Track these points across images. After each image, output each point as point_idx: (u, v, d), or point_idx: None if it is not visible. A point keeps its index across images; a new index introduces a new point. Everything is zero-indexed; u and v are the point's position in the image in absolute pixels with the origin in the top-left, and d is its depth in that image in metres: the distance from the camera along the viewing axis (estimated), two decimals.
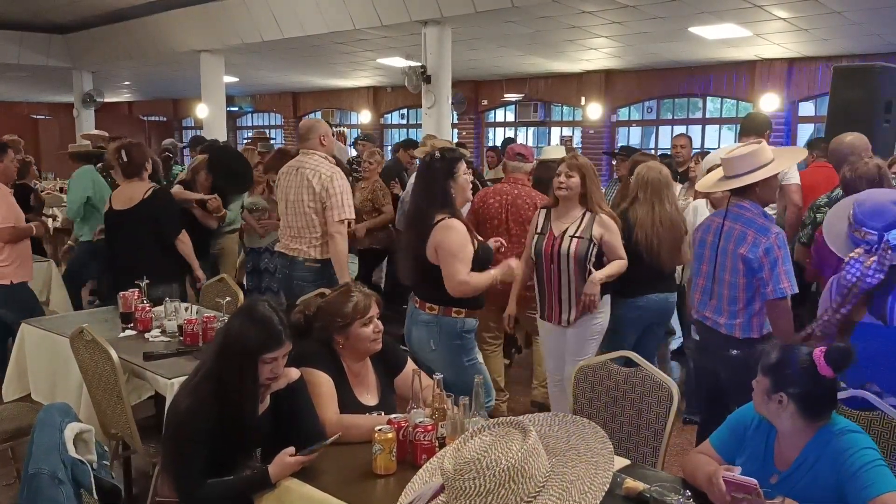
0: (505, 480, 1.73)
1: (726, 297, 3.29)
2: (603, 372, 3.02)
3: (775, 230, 3.18)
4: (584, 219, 3.91)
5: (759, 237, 3.15)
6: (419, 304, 3.61)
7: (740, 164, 3.22)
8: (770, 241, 3.13)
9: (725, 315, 3.31)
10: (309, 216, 4.48)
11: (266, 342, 2.41)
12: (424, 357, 3.61)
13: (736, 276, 3.24)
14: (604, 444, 1.90)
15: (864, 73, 5.88)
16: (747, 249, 3.17)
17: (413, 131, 16.93)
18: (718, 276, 3.32)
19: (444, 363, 3.50)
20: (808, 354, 2.16)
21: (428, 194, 3.52)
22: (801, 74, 11.60)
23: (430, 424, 2.39)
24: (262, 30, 11.05)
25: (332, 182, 4.40)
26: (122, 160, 4.74)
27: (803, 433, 2.17)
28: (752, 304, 3.23)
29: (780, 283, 3.12)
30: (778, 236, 3.16)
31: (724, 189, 3.30)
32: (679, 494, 2.02)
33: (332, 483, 2.30)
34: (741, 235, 3.21)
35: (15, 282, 4.81)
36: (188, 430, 2.37)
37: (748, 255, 3.16)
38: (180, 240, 4.76)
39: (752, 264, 3.16)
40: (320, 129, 4.62)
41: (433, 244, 3.42)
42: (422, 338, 3.60)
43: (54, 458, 2.24)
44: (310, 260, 4.54)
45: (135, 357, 3.44)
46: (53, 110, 22.10)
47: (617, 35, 10.55)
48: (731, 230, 3.26)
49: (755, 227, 3.19)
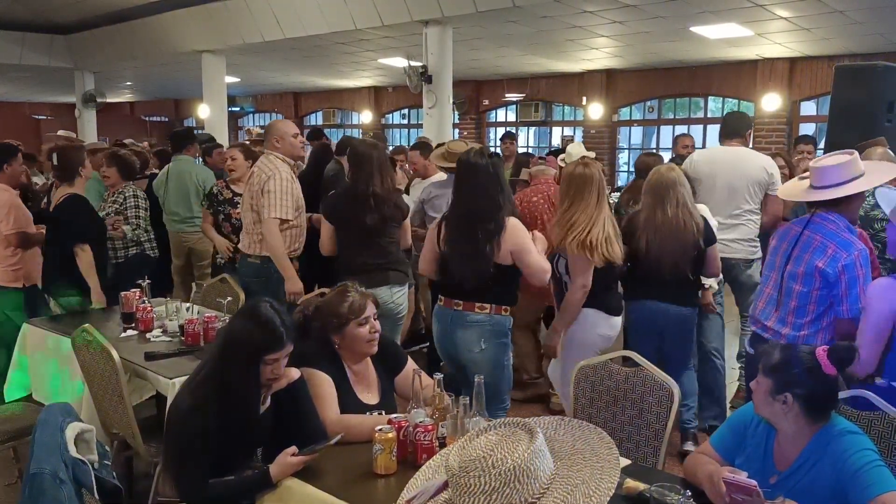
0: (510, 480, 1.73)
1: (793, 307, 3.16)
2: (603, 372, 3.02)
3: (859, 247, 3.03)
4: None
5: (839, 251, 3.00)
6: (464, 305, 3.54)
7: (831, 174, 3.04)
8: (852, 257, 2.98)
9: (789, 326, 3.17)
10: (251, 213, 4.59)
11: (268, 343, 2.41)
12: (470, 358, 3.55)
13: (809, 287, 3.09)
14: (610, 450, 1.90)
15: (866, 73, 5.87)
16: (826, 262, 3.02)
17: (414, 131, 16.94)
18: (787, 286, 3.17)
19: (490, 363, 3.54)
20: (810, 354, 2.16)
21: (492, 193, 3.46)
22: (803, 74, 11.59)
23: (431, 424, 2.40)
24: (264, 30, 11.06)
25: (269, 181, 4.42)
26: (52, 164, 4.66)
27: (804, 434, 2.17)
28: (821, 319, 3.09)
29: (857, 303, 2.97)
30: (861, 253, 3.01)
31: (813, 199, 3.13)
32: (679, 494, 2.02)
33: (332, 483, 2.30)
34: (821, 247, 3.06)
35: (27, 285, 4.86)
36: (190, 430, 2.38)
37: (826, 269, 3.01)
38: (78, 254, 4.53)
39: (828, 278, 3.02)
40: (275, 131, 4.68)
41: (509, 246, 3.43)
42: (471, 339, 3.54)
43: (56, 457, 2.24)
44: (251, 256, 4.63)
45: (136, 357, 3.45)
46: (55, 111, 22.13)
47: (618, 34, 10.55)
48: (810, 240, 3.11)
49: (837, 240, 3.03)
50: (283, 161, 4.57)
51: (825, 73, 10.81)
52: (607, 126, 14.08)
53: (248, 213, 4.64)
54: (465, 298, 3.55)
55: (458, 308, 3.56)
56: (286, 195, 4.43)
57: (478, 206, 3.47)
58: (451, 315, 3.59)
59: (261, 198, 4.43)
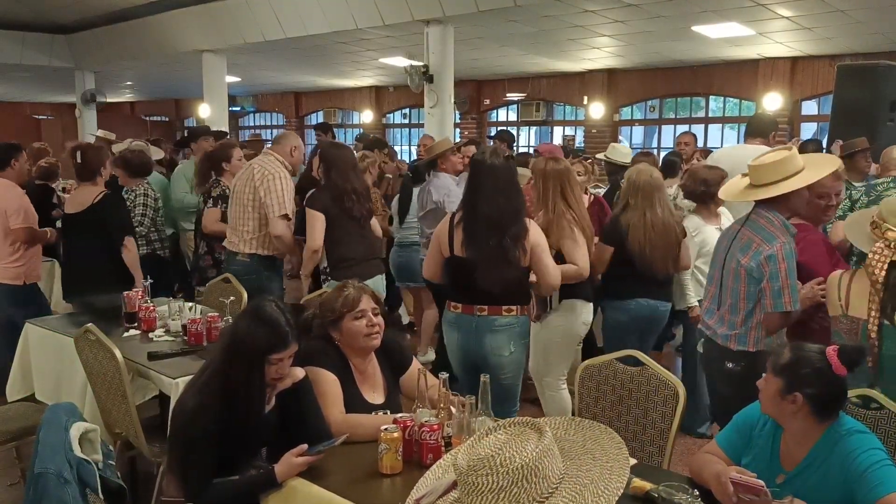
0: (518, 479, 1.72)
1: (729, 305, 3.18)
2: (608, 371, 3.01)
3: (782, 239, 3.00)
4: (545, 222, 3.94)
5: (763, 245, 3.01)
6: (489, 310, 3.48)
7: (768, 173, 3.05)
8: (774, 249, 2.97)
9: (725, 325, 3.20)
10: (246, 208, 4.65)
11: (273, 343, 2.41)
12: (500, 361, 3.51)
13: (738, 284, 3.12)
14: (620, 450, 1.90)
15: (867, 72, 5.88)
16: (750, 258, 3.05)
17: (415, 131, 16.94)
18: (725, 283, 3.20)
19: (515, 364, 3.55)
20: (820, 353, 2.15)
21: (512, 195, 3.44)
22: (805, 73, 11.58)
23: (436, 424, 2.38)
24: (265, 29, 11.06)
25: (275, 181, 4.55)
26: (76, 162, 4.70)
27: (811, 433, 2.16)
28: (752, 317, 3.10)
29: (780, 298, 2.97)
30: (784, 246, 2.98)
31: (750, 199, 3.15)
32: (687, 494, 2.02)
33: (338, 483, 2.29)
34: (748, 243, 3.10)
35: (27, 282, 4.88)
36: (194, 430, 2.37)
37: (750, 264, 3.04)
38: (125, 247, 4.64)
39: (752, 273, 3.04)
40: (295, 142, 4.83)
41: (530, 245, 3.43)
42: (502, 343, 3.50)
43: (60, 457, 2.24)
44: (241, 254, 4.69)
45: (139, 357, 3.44)
46: (56, 110, 22.13)
47: (620, 34, 10.55)
48: (742, 237, 3.14)
49: (763, 234, 3.05)
50: (282, 164, 4.69)
51: (827, 72, 10.80)
52: (608, 126, 14.08)
53: (237, 208, 4.70)
54: (490, 303, 3.48)
55: (483, 314, 3.49)
56: (288, 194, 4.61)
57: (499, 209, 3.38)
58: (476, 322, 3.50)
59: (264, 196, 4.54)
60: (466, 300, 3.53)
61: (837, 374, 2.11)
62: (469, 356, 3.59)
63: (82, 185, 4.77)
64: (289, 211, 4.57)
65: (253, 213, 4.63)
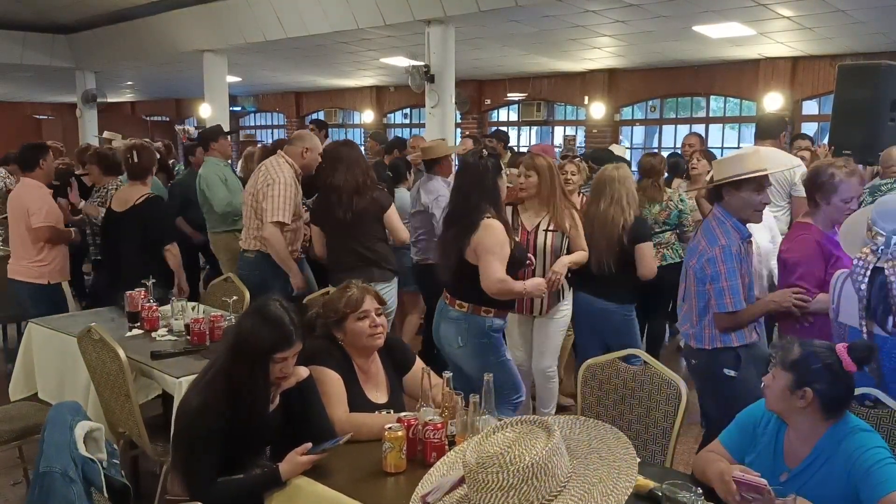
0: (528, 477, 1.73)
1: (687, 305, 3.32)
2: (610, 370, 3.02)
3: (723, 242, 3.11)
4: (552, 213, 4.05)
5: (706, 248, 3.14)
6: (449, 300, 3.63)
7: (720, 168, 3.24)
8: (714, 252, 3.10)
9: (688, 324, 3.33)
10: (251, 207, 4.67)
11: (278, 342, 2.41)
12: (452, 353, 3.65)
13: (689, 283, 3.27)
14: (626, 450, 1.90)
15: (868, 72, 5.85)
16: (696, 259, 3.19)
17: (416, 131, 16.94)
18: (687, 285, 3.34)
19: (471, 360, 3.58)
20: (830, 350, 2.17)
21: (479, 193, 3.52)
22: (805, 73, 11.58)
23: (440, 422, 2.39)
24: (266, 29, 11.05)
25: (273, 186, 4.50)
26: (131, 160, 4.79)
27: (817, 430, 2.17)
28: (705, 315, 3.21)
29: (722, 298, 3.09)
30: (724, 249, 3.09)
31: (688, 190, 3.38)
32: (691, 492, 2.02)
33: (342, 481, 2.30)
34: (696, 244, 3.25)
35: (52, 282, 4.92)
36: (199, 429, 2.38)
37: (695, 265, 3.18)
38: (168, 250, 4.71)
39: (697, 274, 3.18)
40: (309, 142, 4.74)
41: (474, 242, 3.45)
42: (450, 334, 3.63)
43: (65, 456, 2.24)
44: (248, 251, 4.73)
45: (142, 356, 3.45)
46: (57, 110, 22.12)
47: (621, 34, 10.55)
48: (694, 238, 3.32)
49: (708, 236, 3.18)
50: (291, 167, 4.64)
51: (827, 72, 10.79)
52: (609, 126, 14.07)
53: (246, 208, 4.73)
54: (450, 293, 3.65)
55: (446, 302, 3.66)
56: (288, 201, 4.52)
57: (464, 203, 3.57)
58: (441, 308, 3.70)
59: (262, 200, 4.52)
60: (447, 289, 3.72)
61: (847, 370, 2.13)
62: (436, 339, 3.76)
63: (132, 183, 4.82)
64: (283, 218, 4.48)
65: (256, 212, 4.64)
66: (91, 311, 4.71)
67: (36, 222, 4.81)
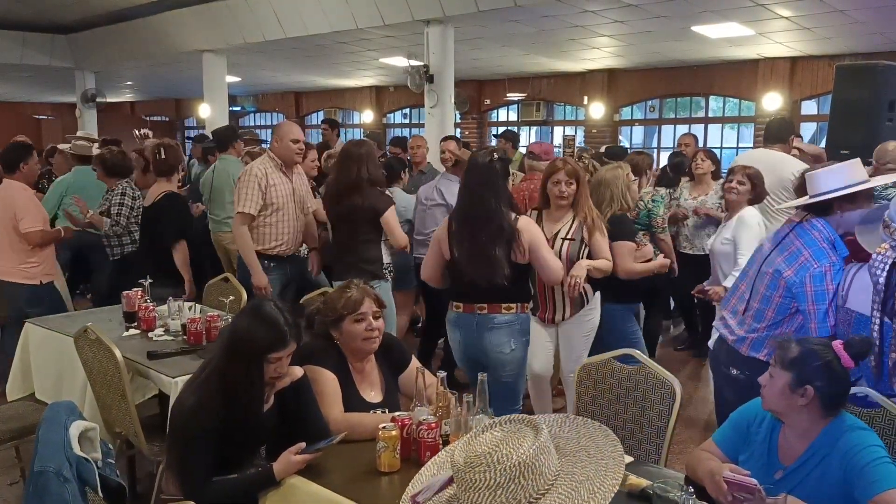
0: (515, 476, 1.73)
1: (755, 310, 3.02)
2: (605, 370, 3.03)
3: (833, 259, 2.82)
4: (574, 221, 3.96)
5: (811, 261, 2.83)
6: (488, 308, 3.53)
7: (824, 181, 2.93)
8: (822, 269, 2.80)
9: (745, 327, 3.04)
10: None
11: (273, 342, 2.41)
12: (498, 360, 3.54)
13: (771, 292, 2.96)
14: (614, 447, 1.90)
15: (867, 72, 5.85)
16: (794, 271, 2.86)
17: (416, 131, 16.94)
18: (756, 286, 3.05)
19: (517, 362, 3.58)
20: (827, 347, 2.17)
21: (496, 195, 3.48)
22: (804, 73, 11.59)
23: (434, 422, 2.40)
24: (265, 29, 11.06)
25: (242, 177, 4.60)
26: (158, 157, 4.90)
27: (814, 428, 2.17)
28: (777, 328, 2.94)
29: (827, 322, 2.78)
30: (833, 266, 2.80)
31: (794, 205, 3.06)
32: (682, 491, 2.03)
33: (336, 481, 2.30)
34: (795, 252, 2.91)
35: (44, 282, 4.93)
36: (193, 428, 2.38)
37: (793, 278, 2.86)
38: (176, 249, 4.76)
39: (792, 288, 2.86)
40: (276, 131, 4.79)
41: (525, 242, 3.45)
42: (501, 341, 3.54)
43: (60, 455, 2.24)
44: None
45: (139, 356, 3.45)
46: (56, 110, 22.15)
47: (620, 34, 10.55)
48: (788, 243, 2.97)
49: (814, 249, 2.86)
50: (272, 159, 4.63)
51: (826, 72, 10.81)
52: (609, 126, 14.08)
53: None
54: (489, 301, 3.54)
55: (483, 312, 3.54)
56: (251, 192, 4.49)
57: (467, 202, 3.54)
58: (477, 320, 3.56)
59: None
60: (468, 300, 3.58)
61: (846, 366, 2.13)
62: (471, 354, 3.64)
63: (159, 180, 4.95)
64: (246, 209, 4.47)
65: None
66: (88, 311, 4.72)
67: (25, 227, 4.78)
